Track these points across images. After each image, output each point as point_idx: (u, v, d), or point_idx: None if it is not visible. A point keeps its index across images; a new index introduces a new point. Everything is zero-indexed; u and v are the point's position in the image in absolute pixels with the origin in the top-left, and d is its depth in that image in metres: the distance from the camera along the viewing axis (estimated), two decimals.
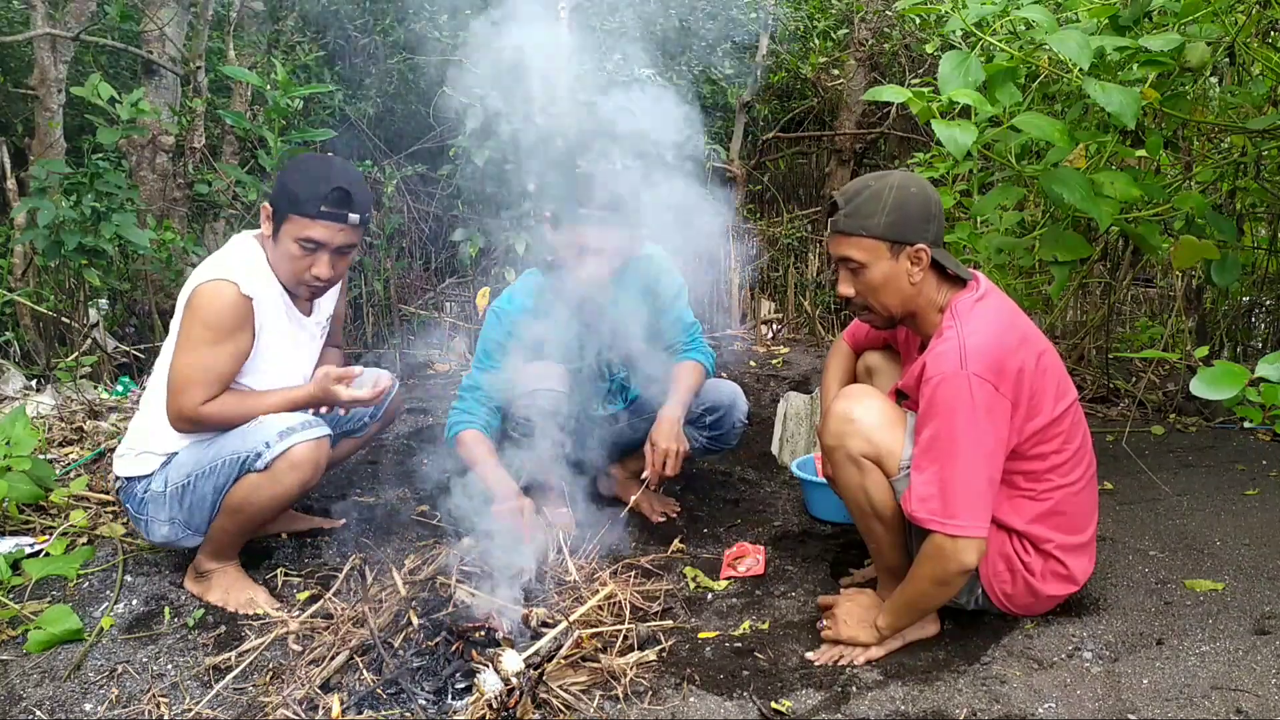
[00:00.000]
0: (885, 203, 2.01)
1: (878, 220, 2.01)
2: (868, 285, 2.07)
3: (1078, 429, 2.11)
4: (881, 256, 2.03)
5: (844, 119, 7.07)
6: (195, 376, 2.28)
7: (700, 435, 2.95)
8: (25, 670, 2.13)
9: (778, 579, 2.58)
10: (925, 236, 2.03)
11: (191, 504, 2.34)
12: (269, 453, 2.25)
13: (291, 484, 2.28)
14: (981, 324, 1.99)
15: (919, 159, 3.82)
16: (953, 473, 1.92)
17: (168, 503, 2.36)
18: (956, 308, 2.04)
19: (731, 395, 2.96)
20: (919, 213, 2.02)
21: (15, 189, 5.00)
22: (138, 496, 2.41)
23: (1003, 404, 1.94)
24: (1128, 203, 2.67)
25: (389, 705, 1.89)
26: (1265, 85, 2.99)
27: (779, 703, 1.93)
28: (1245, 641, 2.03)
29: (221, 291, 2.30)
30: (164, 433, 2.39)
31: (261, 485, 2.27)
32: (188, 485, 2.34)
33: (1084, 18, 2.64)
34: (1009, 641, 2.12)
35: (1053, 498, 2.07)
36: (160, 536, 2.41)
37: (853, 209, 2.04)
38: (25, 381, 4.09)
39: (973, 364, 1.92)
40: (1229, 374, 1.62)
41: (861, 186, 2.06)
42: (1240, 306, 4.71)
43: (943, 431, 1.93)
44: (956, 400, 1.91)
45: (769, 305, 5.95)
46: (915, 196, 2.03)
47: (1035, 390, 2.00)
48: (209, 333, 2.29)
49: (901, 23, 6.48)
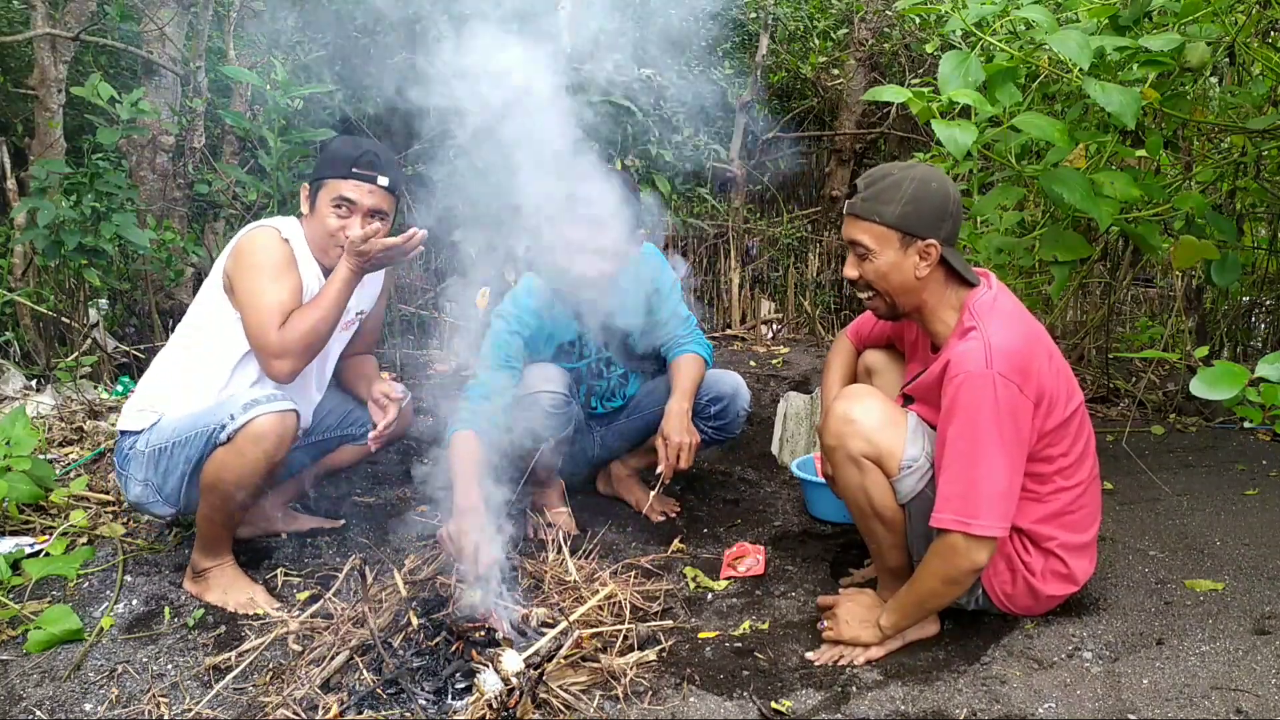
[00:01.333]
0: (904, 193, 2.01)
1: (893, 209, 2.01)
2: (874, 271, 2.06)
3: (1084, 431, 2.11)
4: (890, 245, 2.03)
5: (844, 119, 7.07)
6: (265, 318, 2.36)
7: (706, 426, 2.95)
8: (25, 670, 2.13)
9: (778, 579, 2.58)
10: (938, 233, 2.02)
11: (165, 469, 2.38)
12: (232, 424, 2.27)
13: (256, 456, 2.28)
14: (1003, 324, 1.99)
15: (919, 159, 3.82)
16: (976, 473, 1.91)
17: (145, 464, 2.40)
18: (975, 307, 2.03)
19: (734, 385, 2.98)
20: (935, 208, 2.01)
21: (15, 189, 5.00)
22: (124, 452, 2.46)
23: (1026, 405, 1.94)
24: (1128, 203, 2.67)
25: (389, 705, 1.89)
26: (1265, 85, 2.99)
27: (779, 703, 1.93)
28: (1245, 641, 2.03)
29: (264, 234, 2.45)
30: (162, 392, 2.46)
31: (227, 459, 2.29)
32: (164, 450, 2.38)
33: (1084, 18, 2.64)
34: (1009, 641, 2.12)
35: (1058, 499, 2.07)
36: (133, 496, 2.45)
37: (871, 194, 2.04)
38: (25, 381, 4.09)
39: (998, 363, 1.92)
40: (1229, 374, 1.62)
41: (884, 173, 2.06)
42: (1240, 306, 4.71)
43: (966, 431, 1.92)
44: (982, 400, 1.91)
45: (769, 305, 5.95)
46: (935, 192, 2.02)
47: (1051, 391, 2.00)
48: (264, 272, 2.40)
49: (901, 23, 6.48)
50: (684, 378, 2.82)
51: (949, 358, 2.00)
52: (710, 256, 6.17)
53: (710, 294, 6.04)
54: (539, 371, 2.76)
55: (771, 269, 6.44)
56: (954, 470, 1.94)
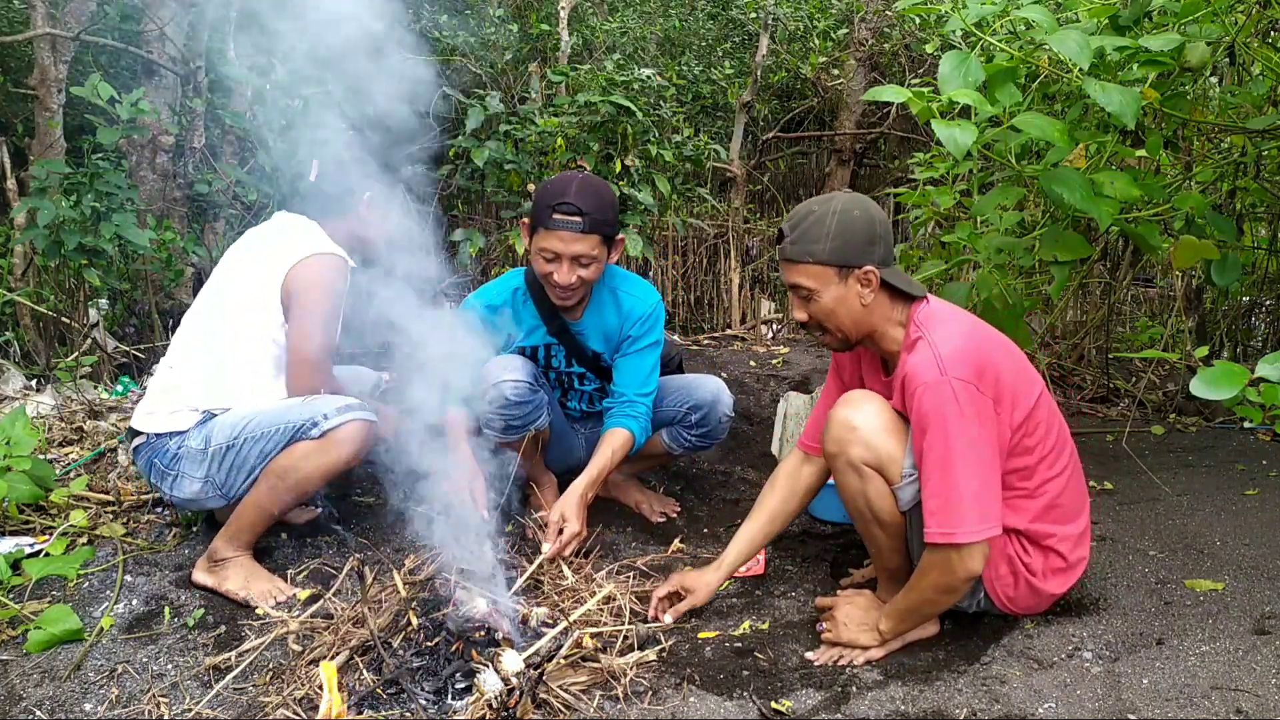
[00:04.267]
0: (829, 228, 2.02)
1: (823, 246, 2.02)
2: (821, 310, 2.07)
3: (1054, 415, 2.13)
4: (830, 282, 2.04)
5: (844, 119, 7.07)
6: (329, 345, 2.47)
7: (688, 435, 2.93)
8: (25, 670, 2.13)
9: (778, 579, 2.58)
10: (871, 258, 2.03)
11: (233, 465, 2.40)
12: (326, 423, 2.35)
13: (339, 457, 2.37)
14: (948, 328, 2.01)
15: (919, 159, 3.82)
16: (951, 481, 1.92)
17: (207, 461, 2.41)
18: (917, 318, 2.06)
19: (714, 391, 2.91)
20: (863, 236, 2.02)
21: (15, 189, 5.00)
22: (169, 452, 2.44)
23: (986, 403, 1.95)
24: (1128, 203, 2.67)
25: (389, 705, 1.89)
26: (1265, 85, 3.00)
27: (779, 703, 1.94)
28: (1245, 641, 2.03)
29: (340, 266, 2.51)
30: (202, 390, 2.48)
31: (311, 453, 2.35)
32: (233, 446, 2.39)
33: (1084, 18, 2.64)
34: (1009, 641, 2.12)
35: (1048, 491, 2.08)
36: (186, 493, 2.45)
37: (798, 236, 2.04)
38: (25, 381, 4.09)
39: (952, 368, 1.93)
40: (1229, 374, 1.62)
41: (806, 213, 2.06)
42: (1240, 306, 4.72)
43: (936, 442, 1.93)
44: (944, 408, 1.92)
45: (769, 305, 5.95)
46: (859, 220, 2.02)
47: (1011, 382, 2.01)
48: (333, 306, 2.48)
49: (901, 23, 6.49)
50: (601, 457, 2.63)
51: (904, 374, 2.01)
52: (710, 256, 6.17)
53: (710, 294, 6.05)
54: (501, 361, 2.69)
55: (771, 269, 6.45)
56: (932, 484, 1.95)
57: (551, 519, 2.51)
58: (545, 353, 2.84)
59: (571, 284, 2.58)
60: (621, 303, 2.75)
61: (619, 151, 4.67)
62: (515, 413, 2.64)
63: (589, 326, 2.77)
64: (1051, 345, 4.64)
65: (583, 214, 2.51)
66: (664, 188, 4.73)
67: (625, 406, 2.73)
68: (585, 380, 2.91)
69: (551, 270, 2.57)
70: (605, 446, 2.66)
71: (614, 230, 2.62)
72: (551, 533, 2.49)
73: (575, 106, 4.65)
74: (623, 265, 5.23)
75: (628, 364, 2.77)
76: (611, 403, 2.77)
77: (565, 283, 2.57)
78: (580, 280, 2.59)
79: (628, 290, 2.76)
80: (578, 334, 2.78)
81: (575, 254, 2.54)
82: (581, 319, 2.77)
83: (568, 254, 2.54)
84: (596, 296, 2.76)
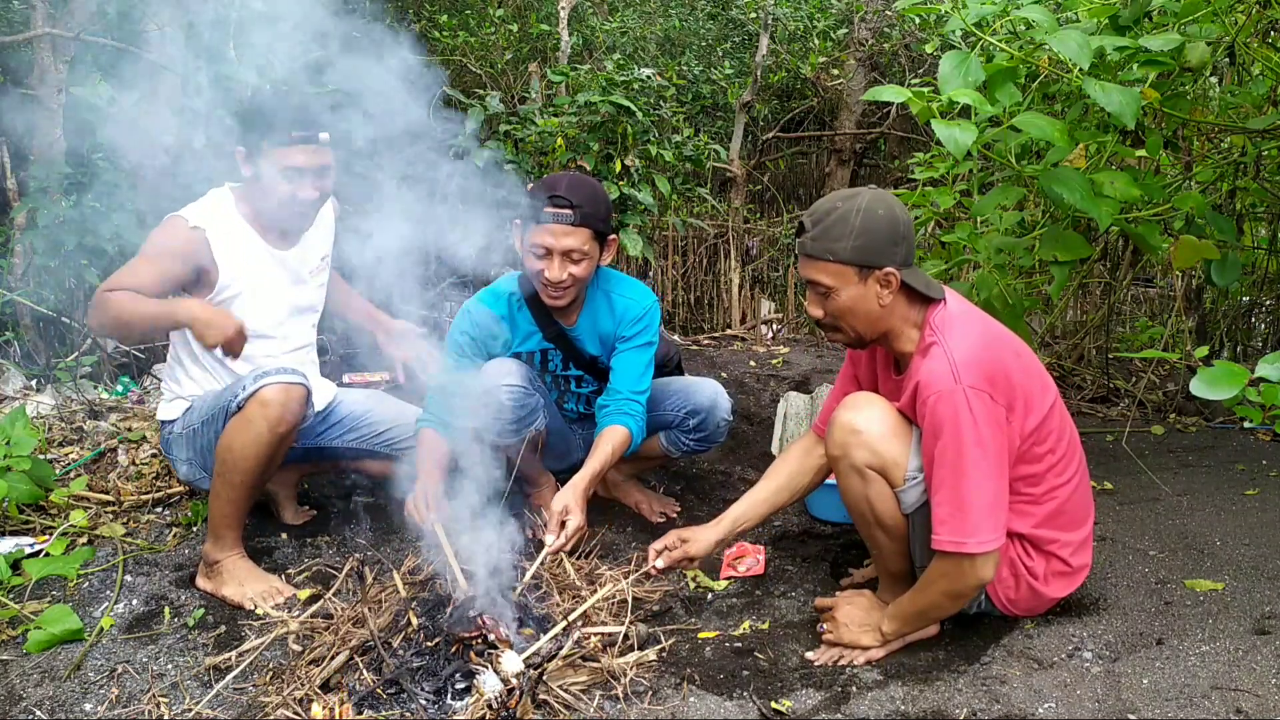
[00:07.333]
0: (852, 226, 1.96)
1: (845, 244, 1.96)
2: (837, 309, 2.03)
3: (1066, 423, 2.11)
4: (849, 281, 1.99)
5: (844, 119, 7.08)
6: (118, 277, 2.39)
7: (686, 439, 2.91)
8: (25, 670, 2.13)
9: (778, 579, 2.58)
10: (894, 259, 1.98)
11: (202, 448, 2.53)
12: (243, 394, 2.34)
13: (262, 425, 2.31)
14: (964, 335, 1.99)
15: (919, 159, 3.82)
16: (964, 490, 1.91)
17: (186, 444, 2.58)
18: (934, 322, 2.03)
19: (712, 396, 2.88)
20: (887, 236, 1.97)
21: (15, 189, 5.00)
22: (167, 439, 2.64)
23: (999, 412, 1.93)
24: (1128, 203, 2.67)
25: (389, 705, 1.89)
26: (1265, 85, 3.00)
27: (779, 703, 1.94)
28: (1245, 641, 2.03)
29: (169, 222, 2.51)
30: (183, 378, 2.60)
31: (235, 428, 2.35)
32: (199, 430, 2.52)
33: (1084, 18, 2.64)
34: (1009, 641, 2.12)
35: (1055, 497, 2.07)
36: (184, 475, 2.65)
37: (820, 232, 1.99)
38: (25, 381, 4.09)
39: (966, 377, 1.91)
40: (1229, 374, 1.62)
41: (830, 208, 2.01)
42: (1240, 306, 4.71)
43: (949, 450, 1.92)
44: (957, 416, 1.90)
45: (769, 305, 5.95)
46: (883, 219, 1.97)
47: (1025, 390, 2.00)
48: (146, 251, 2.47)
49: (901, 23, 6.49)
50: (600, 453, 2.59)
51: (917, 380, 1.98)
52: (710, 256, 6.17)
53: (710, 294, 6.05)
54: (497, 366, 2.66)
55: (771, 269, 6.45)
56: (944, 492, 1.94)
57: (554, 509, 2.46)
58: (542, 357, 2.83)
59: (562, 280, 2.54)
60: (615, 305, 2.74)
61: (619, 151, 4.67)
62: (512, 417, 2.62)
63: (584, 330, 2.76)
64: (1051, 345, 4.64)
65: (574, 206, 2.48)
66: (664, 188, 4.72)
67: (620, 404, 2.70)
68: (582, 383, 2.91)
69: (543, 267, 2.53)
70: (604, 443, 2.63)
71: (607, 228, 2.59)
72: (554, 525, 2.44)
73: (575, 106, 4.64)
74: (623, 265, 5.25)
75: (621, 362, 2.74)
76: (605, 401, 2.74)
77: (556, 279, 2.53)
78: (572, 277, 2.55)
79: (621, 293, 2.75)
80: (574, 339, 2.77)
81: (566, 248, 2.50)
82: (576, 323, 2.76)
83: (559, 248, 2.50)
84: (590, 300, 2.74)
